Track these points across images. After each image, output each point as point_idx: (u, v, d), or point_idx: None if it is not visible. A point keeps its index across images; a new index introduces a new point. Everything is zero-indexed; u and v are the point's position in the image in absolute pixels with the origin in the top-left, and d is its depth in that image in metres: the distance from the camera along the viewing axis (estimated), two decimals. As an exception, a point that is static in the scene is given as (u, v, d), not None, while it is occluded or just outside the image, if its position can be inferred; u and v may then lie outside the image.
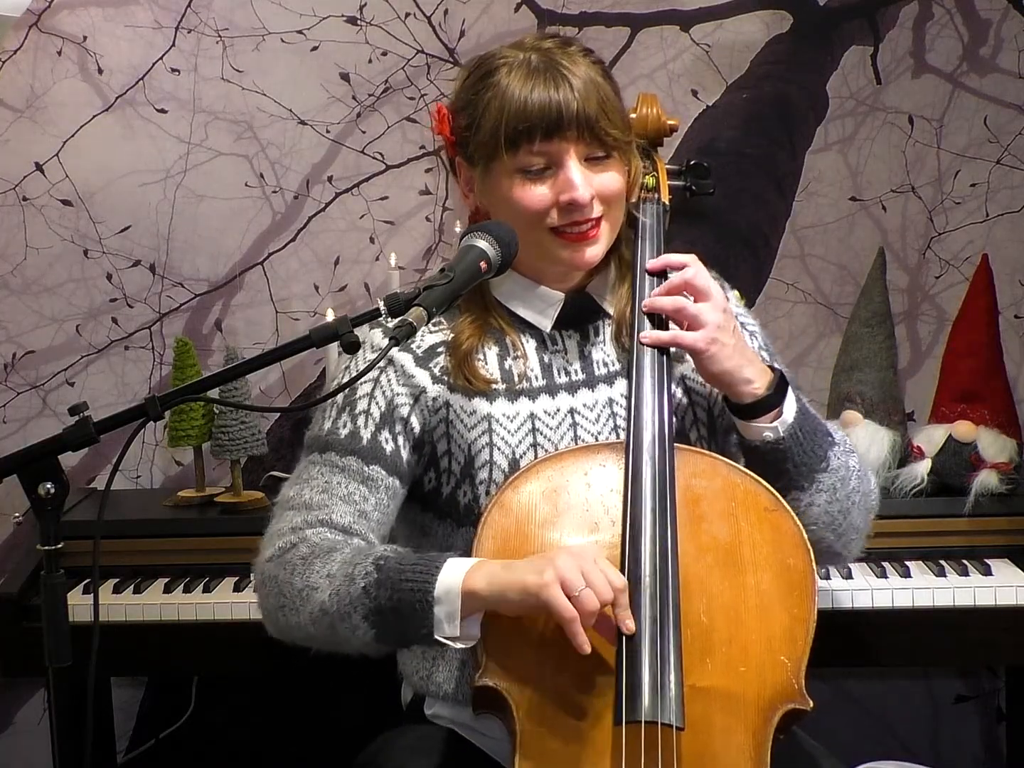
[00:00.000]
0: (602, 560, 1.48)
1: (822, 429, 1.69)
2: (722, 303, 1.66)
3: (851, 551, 1.75)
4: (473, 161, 1.70)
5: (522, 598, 1.46)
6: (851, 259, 2.84)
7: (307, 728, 2.88)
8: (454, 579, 1.50)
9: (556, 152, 1.64)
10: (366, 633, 1.55)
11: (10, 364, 2.85)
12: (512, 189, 1.66)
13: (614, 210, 1.69)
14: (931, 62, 2.81)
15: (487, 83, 1.66)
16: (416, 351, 1.72)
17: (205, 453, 2.63)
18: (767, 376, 1.65)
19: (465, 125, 1.69)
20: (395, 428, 1.69)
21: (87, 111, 2.81)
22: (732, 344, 1.64)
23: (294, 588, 1.59)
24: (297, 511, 1.67)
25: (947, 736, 2.91)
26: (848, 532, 1.71)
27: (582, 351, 1.76)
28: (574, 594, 1.43)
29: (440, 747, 1.74)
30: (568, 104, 1.62)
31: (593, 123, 1.64)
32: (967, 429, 2.43)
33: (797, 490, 1.66)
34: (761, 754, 1.48)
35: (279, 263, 2.85)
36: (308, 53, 2.81)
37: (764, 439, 1.64)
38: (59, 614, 1.41)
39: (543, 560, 1.47)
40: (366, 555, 1.57)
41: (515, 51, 1.68)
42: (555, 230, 1.67)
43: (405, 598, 1.51)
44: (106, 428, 1.40)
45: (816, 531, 1.67)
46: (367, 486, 1.67)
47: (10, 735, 2.92)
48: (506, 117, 1.63)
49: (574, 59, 1.67)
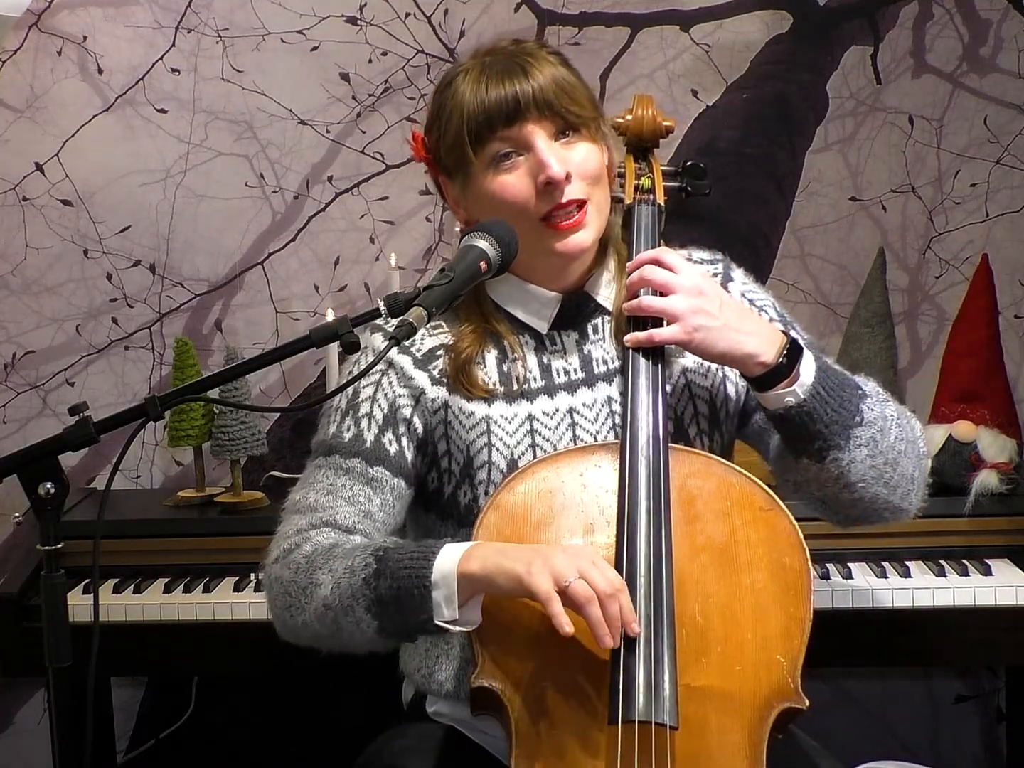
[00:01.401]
0: (601, 561, 1.47)
1: (850, 383, 1.66)
2: (695, 287, 1.63)
3: (911, 502, 1.71)
4: (451, 173, 1.71)
5: (512, 585, 1.46)
6: (851, 259, 2.84)
7: (307, 728, 2.88)
8: (450, 562, 1.50)
9: (522, 136, 1.64)
10: (369, 625, 1.55)
11: (10, 364, 2.86)
12: (490, 186, 1.65)
13: (597, 193, 1.68)
14: (931, 62, 2.81)
15: (447, 92, 1.68)
16: (415, 354, 1.72)
17: (205, 453, 2.64)
18: (776, 344, 1.62)
19: (436, 139, 1.70)
20: (398, 429, 1.70)
21: (87, 111, 2.81)
22: (720, 324, 1.61)
23: (298, 586, 1.60)
24: (302, 514, 1.68)
25: (947, 736, 2.91)
26: (902, 483, 1.68)
27: (581, 350, 1.75)
28: (563, 584, 1.43)
29: (441, 745, 1.74)
30: (524, 91, 1.63)
31: (552, 101, 1.63)
32: (967, 429, 2.43)
33: (835, 450, 1.62)
34: (757, 753, 1.48)
35: (279, 263, 2.86)
36: (308, 53, 2.81)
37: (787, 405, 1.61)
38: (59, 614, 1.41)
39: (537, 552, 1.47)
40: (366, 548, 1.58)
41: (471, 60, 1.71)
42: (544, 220, 1.66)
43: (404, 585, 1.51)
44: (106, 428, 1.40)
45: (866, 487, 1.65)
46: (372, 487, 1.68)
47: (10, 735, 2.92)
48: (467, 115, 1.64)
49: (529, 51, 1.68)
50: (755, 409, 1.77)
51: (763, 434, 1.78)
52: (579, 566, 1.45)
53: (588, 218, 1.67)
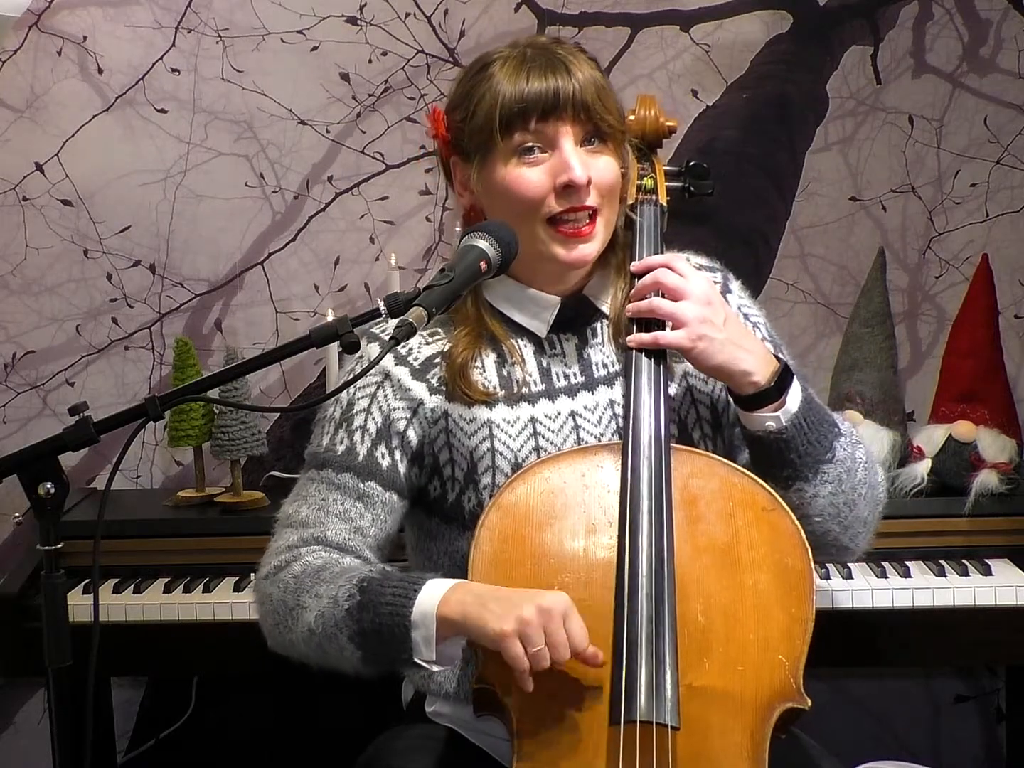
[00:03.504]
0: (571, 618, 1.46)
1: (828, 420, 1.68)
2: (705, 297, 1.64)
3: (858, 544, 1.73)
4: (469, 154, 1.69)
5: (483, 639, 1.46)
6: (851, 259, 2.84)
7: (307, 728, 2.88)
8: (430, 604, 1.50)
9: (552, 133, 1.64)
10: (353, 654, 1.56)
11: (10, 364, 2.85)
12: (508, 176, 1.65)
13: (609, 206, 1.68)
14: (931, 62, 2.81)
15: (482, 75, 1.67)
16: (413, 363, 1.72)
17: (205, 453, 2.64)
18: (769, 367, 1.64)
19: (460, 119, 1.69)
20: (391, 443, 1.70)
21: (87, 111, 2.81)
22: (722, 337, 1.62)
23: (286, 607, 1.61)
24: (294, 529, 1.69)
25: (947, 736, 2.91)
26: (854, 524, 1.70)
27: (580, 354, 1.75)
28: (531, 650, 1.43)
29: (441, 746, 1.74)
30: (565, 87, 1.63)
31: (590, 106, 1.64)
32: (967, 429, 2.43)
33: (801, 481, 1.65)
34: (759, 754, 1.48)
35: (279, 263, 2.85)
36: (308, 53, 2.81)
37: (767, 429, 1.63)
38: (59, 614, 1.41)
39: (511, 605, 1.46)
40: (350, 577, 1.58)
41: (510, 48, 1.69)
42: (552, 222, 1.66)
43: (385, 622, 1.52)
44: (106, 428, 1.40)
45: (821, 523, 1.67)
46: (363, 502, 1.68)
47: (10, 735, 2.92)
48: (502, 101, 1.63)
49: (571, 52, 1.68)
50: (732, 425, 1.78)
51: (733, 450, 1.78)
52: (547, 625, 1.44)
53: (596, 230, 1.67)
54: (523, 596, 1.48)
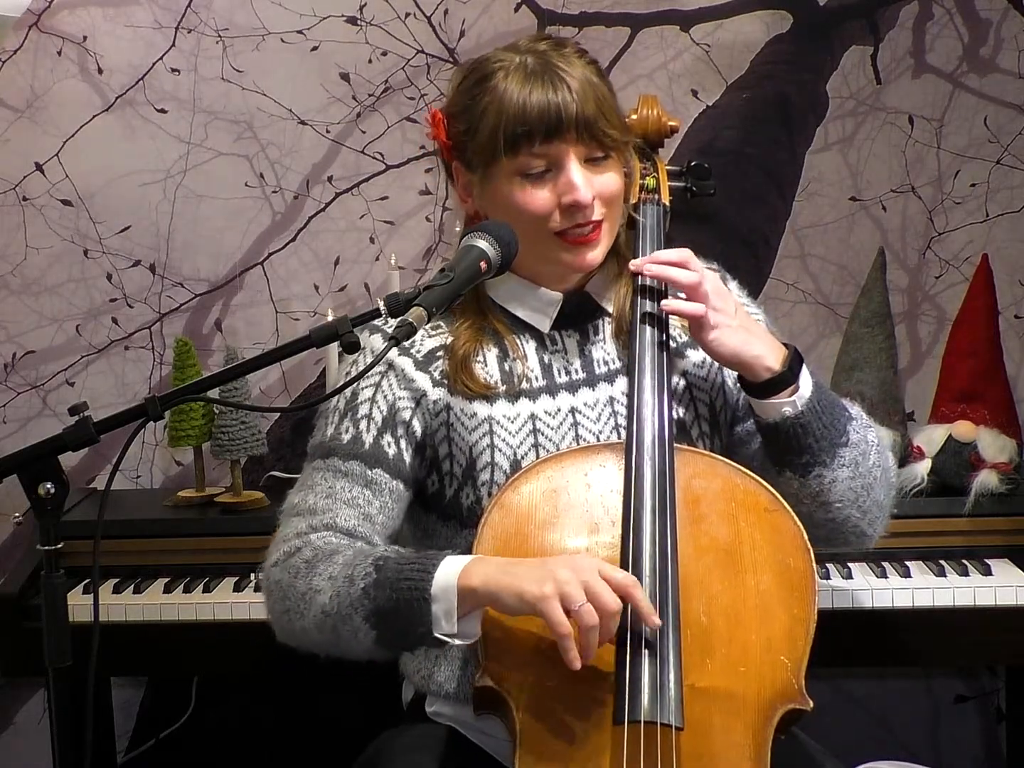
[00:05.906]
0: (605, 567, 1.46)
1: (839, 404, 1.70)
2: (717, 289, 1.66)
3: (876, 530, 1.75)
4: (471, 166, 1.70)
5: (518, 605, 1.45)
6: (851, 259, 2.84)
7: (307, 728, 2.88)
8: (450, 576, 1.50)
9: (556, 154, 1.65)
10: (367, 635, 1.55)
11: (10, 364, 2.85)
12: (513, 193, 1.66)
13: (613, 212, 1.70)
14: (931, 62, 2.81)
15: (484, 87, 1.67)
16: (416, 355, 1.72)
17: (205, 453, 2.64)
18: (781, 352, 1.66)
19: (463, 130, 1.69)
20: (397, 431, 1.70)
21: (87, 111, 2.81)
22: (736, 324, 1.64)
23: (297, 592, 1.59)
24: (302, 516, 1.68)
25: (947, 736, 2.91)
26: (872, 509, 1.71)
27: (582, 350, 1.76)
28: (573, 608, 1.42)
29: (441, 746, 1.74)
30: (567, 106, 1.63)
31: (592, 124, 1.64)
32: (967, 429, 2.43)
33: (820, 466, 1.66)
34: (761, 754, 1.48)
35: (279, 263, 2.85)
36: (308, 53, 2.81)
37: (784, 415, 1.64)
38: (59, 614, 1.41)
39: (544, 570, 1.46)
40: (366, 556, 1.57)
41: (510, 54, 1.68)
42: (558, 234, 1.67)
43: (403, 597, 1.51)
44: (106, 428, 1.40)
45: (842, 508, 1.68)
46: (371, 490, 1.68)
47: (10, 735, 2.92)
48: (505, 120, 1.63)
49: (570, 60, 1.67)
50: (743, 419, 1.79)
51: (743, 445, 1.79)
52: (586, 582, 1.43)
53: (601, 235, 1.69)
54: (551, 559, 1.49)
